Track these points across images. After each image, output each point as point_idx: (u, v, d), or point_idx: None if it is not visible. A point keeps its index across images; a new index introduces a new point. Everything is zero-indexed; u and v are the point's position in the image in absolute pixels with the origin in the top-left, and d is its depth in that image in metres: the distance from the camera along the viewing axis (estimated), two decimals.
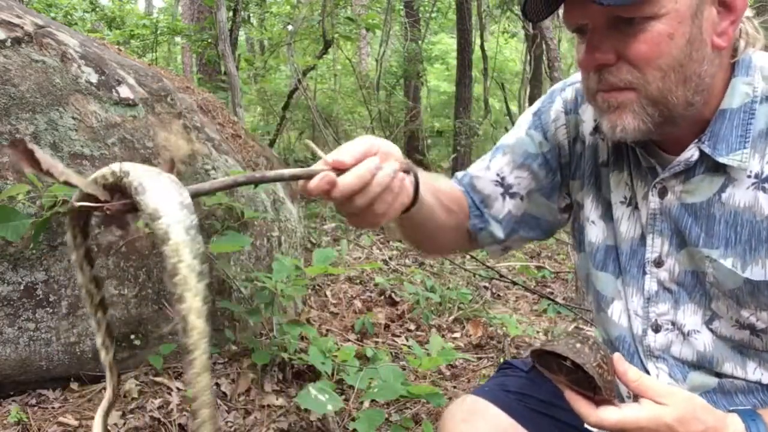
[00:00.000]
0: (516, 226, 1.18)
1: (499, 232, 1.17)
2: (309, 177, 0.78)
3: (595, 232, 1.11)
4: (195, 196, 0.67)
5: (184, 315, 0.57)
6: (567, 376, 0.88)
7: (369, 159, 0.80)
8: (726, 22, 0.90)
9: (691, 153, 0.95)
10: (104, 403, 0.79)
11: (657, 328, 1.04)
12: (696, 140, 0.95)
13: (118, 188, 0.64)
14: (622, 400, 0.94)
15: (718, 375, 1.01)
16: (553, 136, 1.13)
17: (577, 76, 1.15)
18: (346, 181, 0.78)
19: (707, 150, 0.94)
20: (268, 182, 0.76)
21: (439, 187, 1.08)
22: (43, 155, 0.61)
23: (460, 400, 1.17)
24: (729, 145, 0.93)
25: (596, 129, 1.08)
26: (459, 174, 1.23)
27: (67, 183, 0.62)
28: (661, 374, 1.04)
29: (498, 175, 1.16)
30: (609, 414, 0.86)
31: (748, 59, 0.95)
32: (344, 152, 0.80)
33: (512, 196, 1.15)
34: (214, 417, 0.59)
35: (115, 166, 0.63)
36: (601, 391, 0.85)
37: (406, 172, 0.86)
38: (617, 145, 1.06)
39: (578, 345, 0.87)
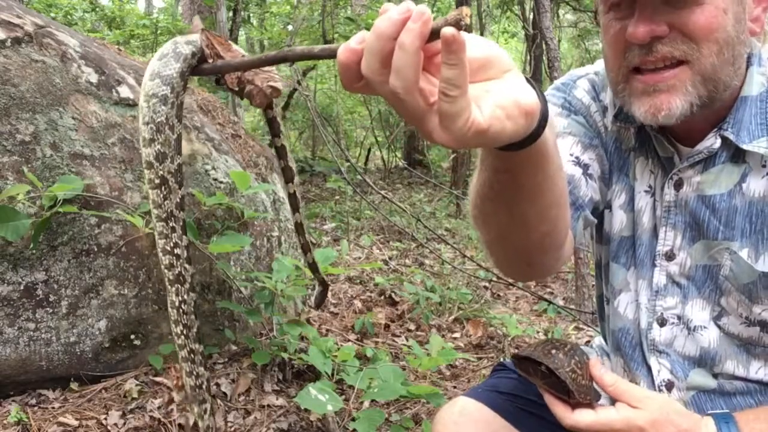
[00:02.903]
0: (593, 214, 1.07)
1: (590, 216, 1.05)
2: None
3: (614, 222, 1.10)
4: (215, 71, 0.74)
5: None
6: (543, 380, 0.92)
7: (402, 4, 0.56)
8: (759, 9, 0.91)
9: (712, 141, 0.94)
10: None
11: (662, 322, 1.03)
12: (716, 128, 0.94)
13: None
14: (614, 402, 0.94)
15: (716, 376, 1.01)
16: (594, 122, 1.09)
17: (578, 70, 1.13)
18: (367, 42, 0.56)
19: (731, 137, 0.92)
20: (296, 60, 0.72)
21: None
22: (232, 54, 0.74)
23: (451, 403, 1.17)
24: (750, 132, 0.92)
25: (617, 116, 1.06)
26: None
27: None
28: (662, 370, 1.04)
29: (571, 155, 1.04)
30: (584, 416, 0.88)
31: (759, 51, 0.95)
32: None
33: (590, 177, 1.05)
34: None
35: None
36: (574, 395, 0.87)
37: (457, 26, 0.53)
38: (640, 132, 1.04)
39: (553, 351, 0.91)
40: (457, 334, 3.03)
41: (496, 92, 0.59)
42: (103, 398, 1.88)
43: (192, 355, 0.88)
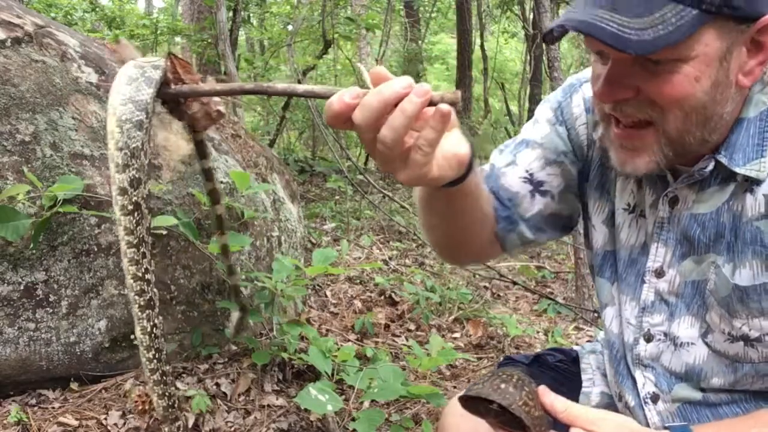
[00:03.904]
0: (544, 226, 1.14)
1: (528, 233, 1.13)
2: (328, 96, 0.69)
3: (596, 237, 1.11)
4: (180, 96, 0.74)
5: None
6: (497, 418, 0.89)
7: (403, 78, 0.69)
8: (754, 62, 0.86)
9: (707, 163, 0.93)
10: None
11: (649, 338, 1.04)
12: (712, 151, 0.93)
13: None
14: None
15: (703, 390, 1.01)
16: (576, 135, 1.11)
17: (590, 73, 1.14)
18: (367, 101, 0.68)
19: (724, 161, 0.92)
20: (275, 95, 0.74)
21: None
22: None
23: (460, 394, 1.18)
24: (746, 154, 0.91)
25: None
26: (485, 167, 1.15)
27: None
28: (647, 383, 1.05)
29: (527, 171, 1.10)
30: None
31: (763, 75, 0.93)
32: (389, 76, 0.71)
33: (543, 194, 1.11)
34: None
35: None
36: (530, 430, 0.85)
37: (453, 104, 0.70)
38: None
39: (503, 385, 0.87)
40: (457, 334, 3.03)
41: (443, 145, 0.75)
42: (103, 398, 1.88)
43: (164, 377, 0.88)
